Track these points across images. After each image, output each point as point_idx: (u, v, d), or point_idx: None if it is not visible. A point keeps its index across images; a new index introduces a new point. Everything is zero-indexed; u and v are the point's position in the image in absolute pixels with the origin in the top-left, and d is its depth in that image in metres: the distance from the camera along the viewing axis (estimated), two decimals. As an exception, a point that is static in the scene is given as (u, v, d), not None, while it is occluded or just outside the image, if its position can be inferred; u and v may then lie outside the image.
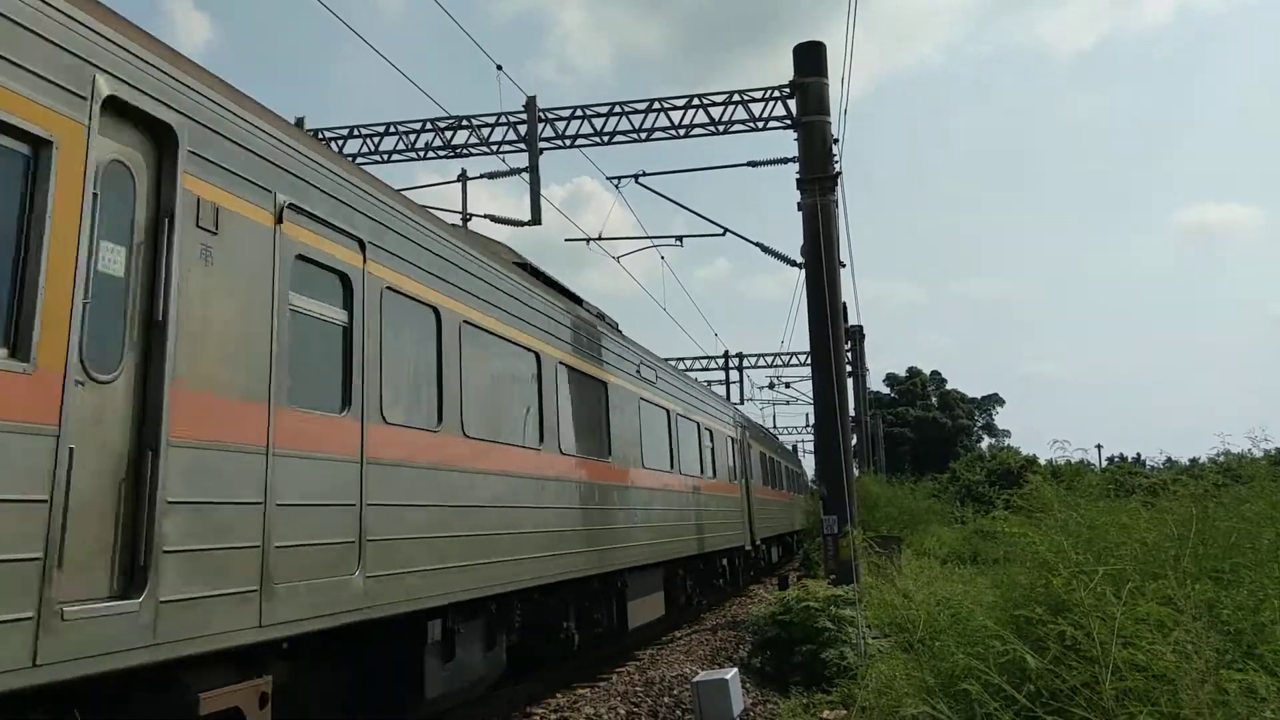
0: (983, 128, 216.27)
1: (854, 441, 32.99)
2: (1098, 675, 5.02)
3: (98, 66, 4.80)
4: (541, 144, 16.77)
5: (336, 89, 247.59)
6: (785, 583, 19.93)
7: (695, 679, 8.92)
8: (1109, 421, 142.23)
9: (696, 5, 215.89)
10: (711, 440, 18.51)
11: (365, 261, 7.01)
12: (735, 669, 9.32)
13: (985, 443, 78.75)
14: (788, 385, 42.20)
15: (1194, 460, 26.27)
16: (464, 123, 17.35)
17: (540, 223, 16.41)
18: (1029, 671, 5.42)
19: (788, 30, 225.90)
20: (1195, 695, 4.60)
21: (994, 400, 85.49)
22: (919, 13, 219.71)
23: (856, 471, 28.06)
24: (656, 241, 20.55)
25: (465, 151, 17.55)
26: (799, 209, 15.96)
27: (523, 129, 16.87)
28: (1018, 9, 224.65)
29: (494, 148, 17.28)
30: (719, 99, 16.78)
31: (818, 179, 15.75)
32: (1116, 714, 4.82)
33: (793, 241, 16.75)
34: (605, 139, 17.10)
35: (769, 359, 38.48)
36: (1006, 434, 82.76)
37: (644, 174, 17.67)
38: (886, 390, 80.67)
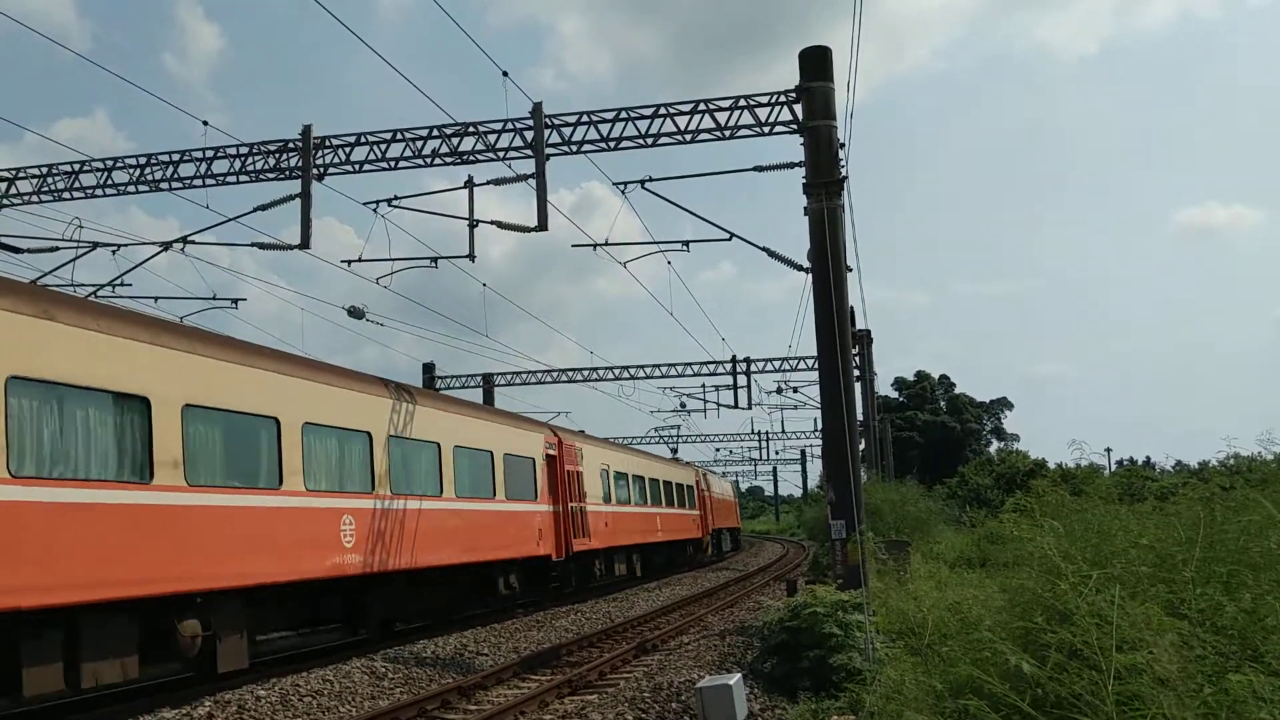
0: (985, 132, 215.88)
1: (862, 446, 32.91)
2: (1099, 681, 5.01)
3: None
4: (548, 150, 16.79)
5: (344, 97, 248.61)
6: (793, 588, 19.88)
7: (699, 684, 8.91)
8: (1119, 424, 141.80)
9: (692, 14, 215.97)
10: None
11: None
12: (739, 674, 9.31)
13: (994, 446, 78.46)
14: (795, 390, 42.07)
15: (1204, 464, 26.14)
16: (470, 129, 17.38)
17: (547, 229, 16.44)
18: (1030, 678, 5.41)
19: (781, 39, 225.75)
20: (1195, 698, 4.59)
21: (1002, 404, 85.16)
22: (916, 18, 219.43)
23: (865, 476, 27.97)
24: (663, 246, 20.50)
25: (472, 158, 17.56)
26: (805, 213, 15.95)
27: (529, 135, 16.89)
28: (1016, 14, 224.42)
29: (500, 154, 17.30)
30: (725, 104, 16.77)
31: (824, 183, 15.73)
32: (1119, 719, 4.81)
33: (799, 245, 16.78)
34: (611, 145, 17.09)
35: (776, 364, 38.37)
36: (1015, 438, 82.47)
37: (650, 179, 17.64)
38: (895, 394, 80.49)
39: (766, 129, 16.55)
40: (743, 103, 16.66)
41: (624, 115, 17.00)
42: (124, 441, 10.80)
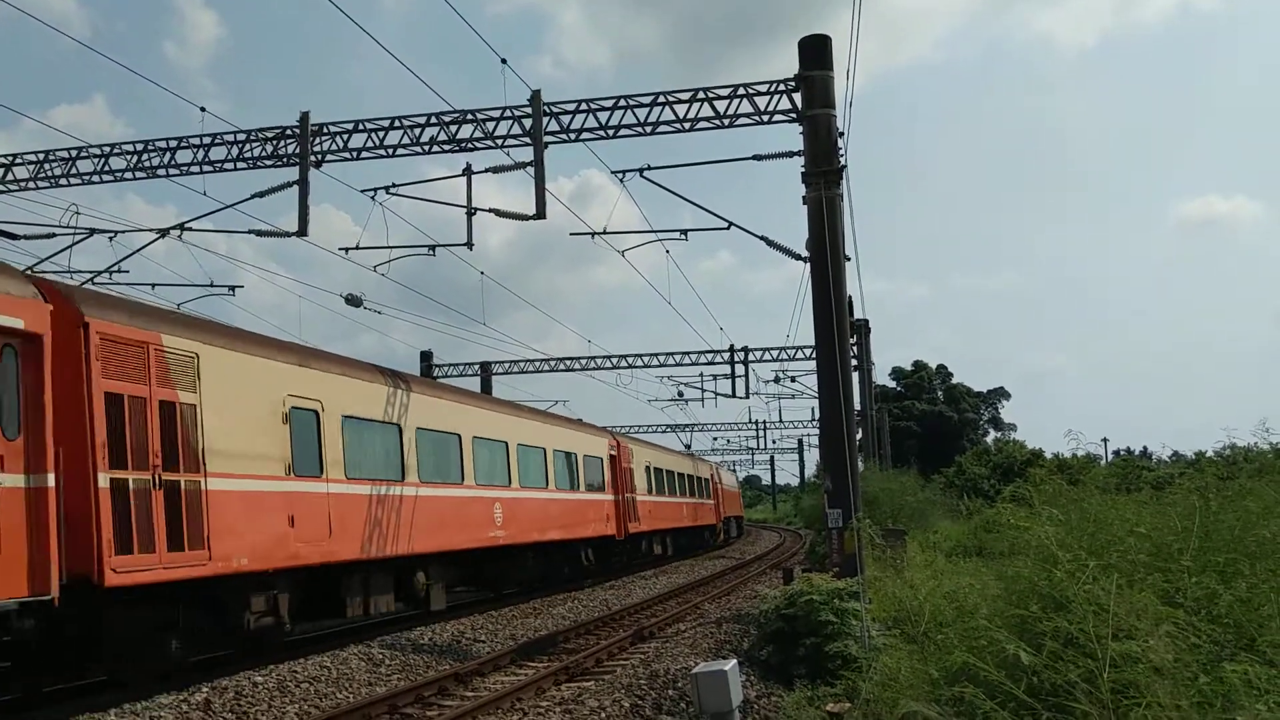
0: (986, 123, 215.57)
1: (859, 436, 32.90)
2: (1095, 669, 5.02)
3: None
4: (546, 138, 16.72)
5: (342, 84, 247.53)
6: (790, 576, 19.92)
7: (694, 670, 8.91)
8: (1116, 419, 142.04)
9: (690, 4, 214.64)
10: None
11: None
12: (734, 660, 9.30)
13: (991, 436, 78.47)
14: (793, 379, 41.94)
15: (1200, 454, 26.22)
16: (469, 117, 17.30)
17: (545, 216, 16.38)
18: (1026, 666, 5.42)
19: (781, 30, 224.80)
20: (1190, 687, 4.60)
21: (1000, 394, 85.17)
22: (918, 9, 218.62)
23: (862, 465, 27.97)
24: (661, 235, 20.47)
25: (470, 146, 17.48)
26: (804, 203, 15.91)
27: (527, 123, 16.81)
28: (1017, 5, 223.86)
29: (499, 142, 17.22)
30: (724, 92, 16.70)
31: (823, 172, 15.68)
32: (1114, 706, 4.83)
33: (798, 235, 16.72)
34: (610, 133, 17.02)
35: (774, 353, 38.32)
36: (1012, 428, 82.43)
37: (649, 167, 17.60)
38: (892, 384, 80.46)
39: (765, 117, 16.49)
40: (742, 91, 16.60)
41: (623, 103, 16.94)
42: (390, 454, 16.32)
